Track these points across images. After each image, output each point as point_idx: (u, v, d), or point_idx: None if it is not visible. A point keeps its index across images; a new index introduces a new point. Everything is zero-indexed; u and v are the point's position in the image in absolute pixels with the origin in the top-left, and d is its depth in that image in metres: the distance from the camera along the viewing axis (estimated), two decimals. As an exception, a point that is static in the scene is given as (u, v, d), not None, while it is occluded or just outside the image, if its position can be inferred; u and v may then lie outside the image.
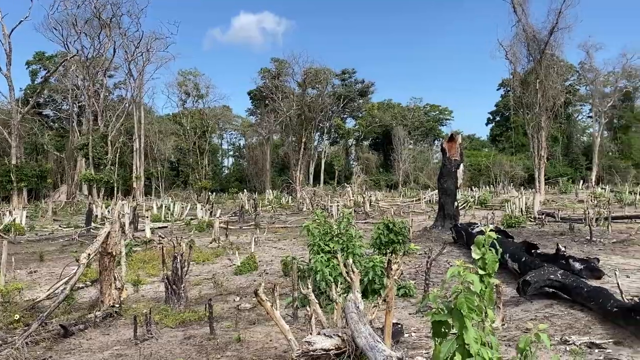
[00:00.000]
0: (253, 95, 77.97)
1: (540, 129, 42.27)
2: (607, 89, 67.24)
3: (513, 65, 45.25)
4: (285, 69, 63.82)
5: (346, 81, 78.91)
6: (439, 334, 3.64)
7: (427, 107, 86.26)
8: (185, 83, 73.27)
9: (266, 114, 71.73)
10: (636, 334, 6.37)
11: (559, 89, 45.66)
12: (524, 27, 42.23)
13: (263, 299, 5.43)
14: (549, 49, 42.06)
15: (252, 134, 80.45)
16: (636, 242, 15.26)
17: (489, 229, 3.89)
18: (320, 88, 64.29)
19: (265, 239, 19.85)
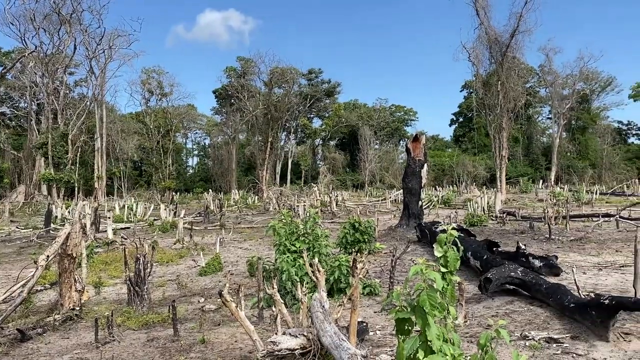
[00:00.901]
0: (218, 94, 77.22)
1: (501, 130, 43.26)
2: (566, 91, 69.34)
3: (476, 67, 46.22)
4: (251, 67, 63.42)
5: (313, 81, 79.07)
6: (402, 331, 3.68)
7: (393, 107, 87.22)
8: (149, 81, 72.03)
9: (232, 113, 71.11)
10: (592, 328, 6.59)
11: (520, 91, 46.87)
12: (487, 30, 43.17)
13: (228, 299, 5.39)
14: (510, 52, 43.10)
15: (217, 133, 79.68)
16: (592, 239, 15.79)
17: (450, 227, 3.96)
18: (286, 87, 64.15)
19: (230, 239, 19.69)
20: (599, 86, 74.97)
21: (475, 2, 42.94)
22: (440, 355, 3.43)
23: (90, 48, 55.72)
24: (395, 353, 3.71)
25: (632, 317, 7.11)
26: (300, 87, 74.61)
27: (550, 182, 60.64)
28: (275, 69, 58.72)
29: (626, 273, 10.22)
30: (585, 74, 68.37)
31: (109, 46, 56.19)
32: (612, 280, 9.78)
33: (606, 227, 18.80)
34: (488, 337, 3.58)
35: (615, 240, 15.59)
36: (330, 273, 9.22)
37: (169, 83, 72.76)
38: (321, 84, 79.76)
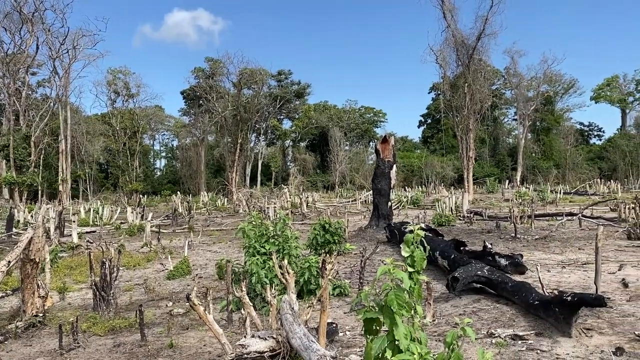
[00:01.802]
0: (186, 95, 76.29)
1: (468, 131, 43.98)
2: (530, 93, 71.00)
3: (443, 70, 46.86)
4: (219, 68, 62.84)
5: (282, 82, 78.93)
6: (371, 331, 3.70)
7: (362, 109, 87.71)
8: (115, 82, 70.68)
9: (200, 114, 70.35)
10: (555, 325, 6.75)
11: (486, 93, 47.75)
12: (453, 33, 43.82)
13: (195, 303, 5.32)
14: (476, 54, 43.87)
15: (185, 135, 78.69)
16: (556, 238, 16.21)
17: (417, 227, 4.00)
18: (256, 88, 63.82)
19: (199, 242, 19.47)
20: (562, 88, 77.12)
21: (443, 5, 43.59)
22: (407, 354, 3.45)
23: (54, 48, 54.28)
24: (364, 353, 3.73)
25: (593, 312, 7.33)
26: (270, 88, 74.42)
27: (516, 182, 61.96)
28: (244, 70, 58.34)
29: (588, 270, 10.51)
30: (549, 76, 70.19)
31: (73, 46, 54.87)
32: (575, 278, 10.05)
33: (569, 226, 19.32)
34: (454, 335, 3.63)
35: (578, 238, 16.03)
36: (300, 275, 9.20)
37: (136, 84, 71.60)
38: (291, 85, 79.71)
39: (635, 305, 7.72)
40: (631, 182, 57.92)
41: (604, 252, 12.31)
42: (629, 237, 15.02)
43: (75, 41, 54.81)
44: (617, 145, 71.94)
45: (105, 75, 69.75)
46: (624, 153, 69.81)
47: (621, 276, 9.78)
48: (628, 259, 11.79)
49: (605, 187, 47.36)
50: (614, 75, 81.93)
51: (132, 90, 71.46)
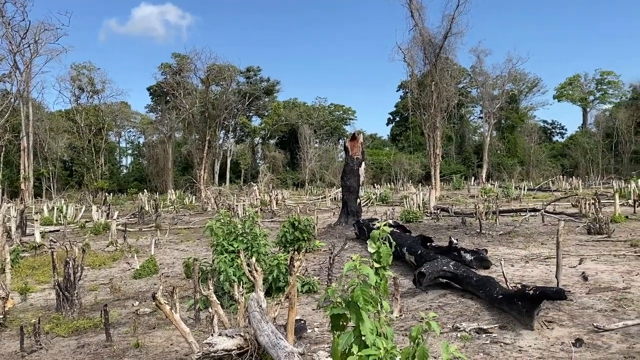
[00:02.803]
0: (153, 91, 75.01)
1: (435, 129, 44.53)
2: (496, 91, 72.35)
3: (411, 68, 47.23)
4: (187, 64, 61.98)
5: (251, 79, 78.39)
6: (338, 327, 3.73)
7: (332, 106, 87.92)
8: (79, 77, 68.86)
9: (167, 110, 69.32)
10: (518, 318, 6.93)
11: (453, 91, 48.41)
12: (421, 32, 44.23)
13: (162, 302, 5.26)
14: (443, 53, 44.39)
15: (152, 132, 77.41)
16: (520, 233, 16.61)
17: (383, 224, 4.04)
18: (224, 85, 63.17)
19: (166, 240, 19.21)
20: (526, 87, 78.97)
21: (410, 3, 43.94)
22: (373, 349, 3.49)
23: (14, 42, 52.51)
24: (331, 349, 3.75)
25: (554, 305, 7.55)
26: (239, 85, 73.76)
27: (482, 179, 63.13)
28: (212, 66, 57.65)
29: (550, 265, 10.80)
30: (513, 75, 71.66)
31: (34, 40, 53.25)
32: (538, 272, 10.31)
33: (533, 222, 19.81)
34: (419, 329, 3.68)
35: (541, 233, 16.46)
36: (269, 272, 9.20)
37: (101, 80, 69.87)
38: (260, 82, 79.25)
39: (594, 298, 7.98)
40: (592, 178, 59.74)
41: (565, 247, 12.67)
42: (589, 232, 15.50)
43: (36, 35, 53.24)
44: (579, 142, 74.08)
45: (68, 71, 67.83)
46: (585, 150, 71.93)
47: (581, 270, 10.08)
48: (588, 253, 12.17)
49: (567, 184, 48.74)
50: (576, 75, 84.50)
51: (97, 86, 69.75)
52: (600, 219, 15.59)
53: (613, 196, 22.02)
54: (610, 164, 70.52)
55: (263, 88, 79.06)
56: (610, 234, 14.82)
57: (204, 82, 59.36)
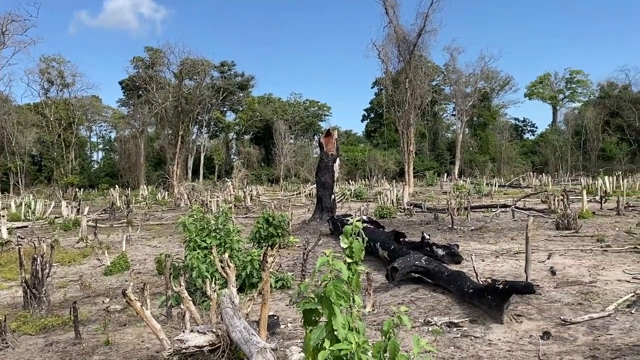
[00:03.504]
0: (125, 85, 73.75)
1: (409, 126, 44.92)
2: (468, 89, 73.32)
3: (385, 65, 47.51)
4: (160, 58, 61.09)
5: (225, 74, 77.72)
6: (310, 322, 3.73)
7: (307, 102, 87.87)
8: (48, 70, 67.24)
9: (140, 105, 68.24)
10: (488, 312, 7.04)
11: (426, 89, 48.93)
12: (395, 29, 44.50)
13: (132, 299, 5.19)
14: (417, 51, 44.79)
15: (124, 126, 76.11)
16: (491, 229, 16.89)
17: (356, 219, 4.06)
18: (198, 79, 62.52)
19: (138, 237, 18.95)
20: (498, 85, 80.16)
21: (385, 0, 44.15)
22: (345, 343, 3.51)
23: (-21, 33, 51.04)
24: (303, 344, 3.76)
25: (523, 299, 7.69)
26: (213, 79, 73.13)
27: (454, 176, 63.96)
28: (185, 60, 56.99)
29: (520, 259, 11.00)
30: (485, 73, 72.71)
31: (1, 31, 51.74)
32: (508, 267, 10.50)
33: (503, 217, 20.16)
34: (391, 324, 3.71)
35: (511, 229, 16.76)
36: (242, 268, 9.16)
37: (71, 73, 68.33)
38: (234, 77, 78.62)
39: (561, 292, 8.17)
40: (561, 175, 61.07)
41: (535, 242, 12.94)
42: (558, 227, 15.85)
43: (3, 26, 51.73)
44: (549, 140, 75.63)
45: (37, 64, 66.16)
46: (554, 148, 73.47)
47: (550, 264, 10.30)
48: (556, 248, 12.44)
49: (537, 180, 49.72)
50: (546, 73, 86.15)
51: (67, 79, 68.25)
52: (569, 214, 15.96)
53: (581, 193, 22.56)
54: (579, 161, 72.18)
55: (237, 83, 78.47)
56: (578, 229, 15.18)
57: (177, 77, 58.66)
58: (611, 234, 14.28)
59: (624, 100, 72.19)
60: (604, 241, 13.02)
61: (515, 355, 5.73)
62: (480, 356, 5.74)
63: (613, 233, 14.57)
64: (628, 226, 15.69)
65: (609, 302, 7.40)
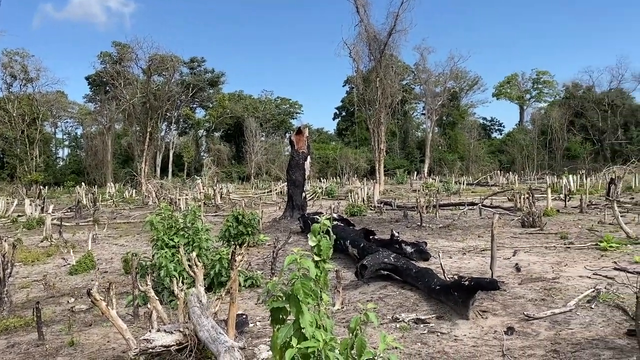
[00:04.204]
0: (92, 80, 72.21)
1: (380, 124, 45.20)
2: (438, 88, 74.29)
3: (356, 64, 47.65)
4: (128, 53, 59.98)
5: (195, 70, 76.84)
6: (277, 320, 3.73)
7: (278, 100, 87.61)
8: (11, 64, 65.19)
9: (107, 101, 66.89)
10: (455, 308, 7.17)
11: (397, 88, 49.28)
12: (366, 28, 44.67)
13: (97, 298, 5.10)
14: (388, 50, 45.05)
15: (91, 123, 74.47)
16: (458, 226, 17.17)
17: (324, 217, 4.08)
18: (167, 75, 61.61)
19: (105, 235, 18.60)
20: (467, 85, 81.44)
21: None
22: (312, 341, 3.53)
23: (-63, 24, 49.17)
24: (271, 342, 3.76)
25: (489, 295, 7.85)
26: (182, 75, 72.15)
27: (424, 174, 64.73)
28: (154, 56, 56.07)
29: (486, 256, 11.21)
30: (455, 73, 73.81)
31: (-40, 23, 50.00)
32: (474, 264, 10.70)
33: (471, 215, 20.51)
34: (358, 321, 3.75)
35: (478, 226, 17.07)
36: (211, 267, 9.09)
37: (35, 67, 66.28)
38: (204, 73, 77.78)
39: (525, 288, 8.36)
40: (527, 174, 62.43)
41: (501, 239, 13.22)
42: (523, 225, 16.21)
43: (-37, 18, 49.98)
44: (515, 139, 77.25)
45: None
46: (521, 147, 75.08)
47: (515, 261, 10.53)
48: (521, 245, 12.73)
49: (504, 179, 50.71)
50: (514, 74, 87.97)
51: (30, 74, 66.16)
52: (534, 212, 16.34)
53: (546, 191, 23.11)
54: (545, 160, 73.94)
55: (207, 79, 77.64)
56: (543, 227, 15.56)
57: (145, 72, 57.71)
58: (574, 232, 14.69)
59: (587, 100, 74.23)
60: (567, 238, 13.38)
61: (480, 350, 5.85)
62: (446, 352, 5.84)
63: (576, 230, 14.99)
64: (590, 224, 16.16)
65: (570, 297, 7.61)
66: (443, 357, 5.70)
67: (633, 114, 71.73)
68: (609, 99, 72.17)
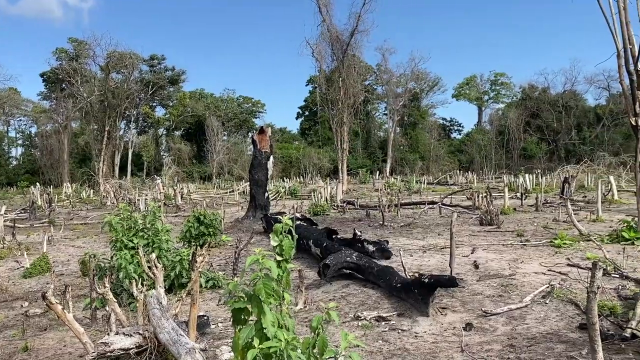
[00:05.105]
0: (47, 77, 69.89)
1: (343, 124, 45.47)
2: (399, 89, 75.19)
3: (319, 63, 47.81)
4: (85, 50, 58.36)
5: (155, 67, 75.35)
6: (239, 321, 3.72)
7: (241, 99, 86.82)
8: (-40, 59, 62.60)
9: (63, 98, 64.90)
10: (415, 305, 7.29)
11: (359, 88, 49.64)
12: (329, 28, 44.88)
13: (53, 302, 4.96)
14: (350, 50, 45.37)
15: (46, 121, 72.04)
16: (419, 225, 17.45)
17: (287, 217, 4.09)
18: (125, 73, 60.23)
19: (61, 237, 18.06)
20: (427, 86, 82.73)
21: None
22: (274, 341, 3.53)
23: None
24: (232, 343, 3.74)
25: (448, 292, 8.02)
26: (142, 73, 70.66)
27: (386, 173, 65.44)
28: (112, 53, 54.74)
29: (446, 254, 11.40)
30: (416, 74, 74.87)
31: None
32: (434, 261, 10.90)
33: (431, 214, 20.87)
34: (320, 319, 3.77)
35: (438, 225, 17.39)
36: (171, 268, 8.97)
37: (-14, 63, 64.00)
38: (164, 71, 76.34)
39: (483, 285, 8.58)
40: (485, 173, 63.94)
41: (460, 237, 13.50)
42: (481, 223, 16.61)
43: None
44: (474, 139, 78.96)
45: (-54, 52, 61.40)
46: (479, 147, 76.81)
47: (473, 258, 10.79)
48: (480, 242, 13.04)
49: (464, 178, 51.82)
50: (472, 75, 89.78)
51: (-19, 70, 63.71)
52: (491, 211, 16.77)
53: (503, 190, 23.74)
54: (502, 160, 75.83)
55: (168, 77, 76.25)
56: (500, 225, 15.98)
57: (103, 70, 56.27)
58: (530, 229, 15.15)
59: (543, 102, 76.51)
60: (523, 236, 13.79)
61: (440, 346, 5.97)
62: (407, 348, 5.94)
63: (532, 228, 15.46)
64: (545, 221, 16.71)
65: (526, 293, 7.86)
66: (404, 354, 5.79)
67: (585, 115, 74.39)
68: (563, 100, 74.61)
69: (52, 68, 64.40)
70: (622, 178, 31.69)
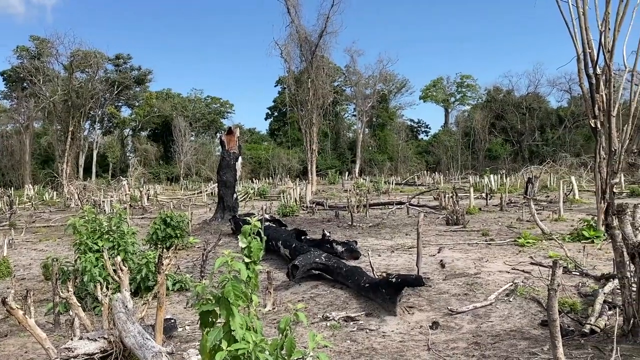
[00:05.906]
0: (8, 76, 67.83)
1: (312, 125, 45.51)
2: (368, 90, 75.70)
3: (288, 64, 47.72)
4: (47, 48, 56.81)
5: (121, 67, 73.88)
6: (207, 323, 3.70)
7: (209, 99, 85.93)
8: None
9: (24, 98, 63.02)
10: (383, 305, 7.37)
11: (328, 89, 49.75)
12: (297, 29, 44.83)
13: (13, 307, 4.83)
14: (319, 51, 45.43)
15: (6, 121, 69.76)
16: (387, 225, 17.62)
17: (255, 219, 4.09)
18: (90, 72, 58.87)
19: (22, 240, 17.56)
20: (395, 87, 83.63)
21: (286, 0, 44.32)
22: (242, 343, 3.53)
23: None
24: (200, 345, 3.72)
25: (415, 292, 8.14)
26: (107, 72, 69.20)
27: (355, 174, 65.81)
28: (76, 52, 53.42)
29: (413, 254, 11.52)
30: (384, 75, 75.55)
31: None
32: (402, 261, 11.03)
33: (399, 214, 21.10)
34: (288, 321, 3.79)
35: (406, 225, 17.60)
36: (137, 271, 8.84)
37: (-59, 60, 61.60)
38: (130, 71, 74.93)
39: (449, 284, 8.74)
40: (452, 173, 64.96)
41: (426, 237, 13.70)
42: (448, 223, 16.89)
43: None
44: (441, 140, 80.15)
45: None
46: (446, 148, 78.00)
47: (440, 258, 10.96)
48: (446, 242, 13.26)
49: (431, 179, 52.54)
50: (439, 77, 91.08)
51: (-64, 67, 61.36)
52: (457, 211, 17.07)
53: (469, 190, 24.18)
54: (468, 161, 77.14)
55: (134, 77, 74.86)
56: (466, 224, 16.28)
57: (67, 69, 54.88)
58: (495, 229, 15.48)
59: (507, 104, 78.19)
60: (488, 235, 14.08)
61: (407, 345, 6.05)
62: (375, 348, 6.01)
63: (496, 227, 15.80)
64: (510, 221, 17.09)
65: (491, 291, 8.03)
66: (372, 353, 5.85)
67: (548, 116, 76.35)
68: (526, 102, 76.38)
69: (13, 66, 62.45)
70: (583, 178, 32.67)
